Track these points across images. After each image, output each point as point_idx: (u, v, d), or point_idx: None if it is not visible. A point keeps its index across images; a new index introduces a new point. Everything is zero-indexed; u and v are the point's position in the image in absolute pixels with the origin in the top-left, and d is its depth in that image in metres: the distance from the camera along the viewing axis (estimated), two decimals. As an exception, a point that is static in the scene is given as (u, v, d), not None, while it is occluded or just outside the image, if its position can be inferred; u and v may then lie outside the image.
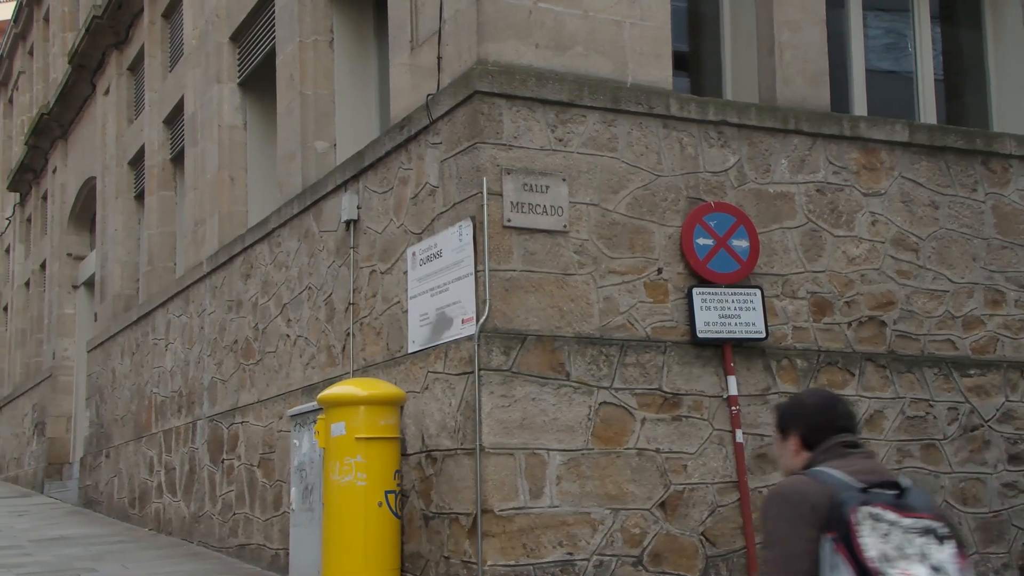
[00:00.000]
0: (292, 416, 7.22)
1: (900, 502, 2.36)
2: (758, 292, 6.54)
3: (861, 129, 7.14)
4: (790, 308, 6.73)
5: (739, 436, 6.32)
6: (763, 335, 6.47)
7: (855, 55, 7.82)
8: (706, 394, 6.32)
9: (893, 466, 6.75)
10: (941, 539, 2.36)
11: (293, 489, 7.01)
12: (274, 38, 9.30)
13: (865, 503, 2.33)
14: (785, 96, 7.09)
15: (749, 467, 6.35)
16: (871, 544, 2.28)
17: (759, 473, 6.41)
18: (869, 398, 6.79)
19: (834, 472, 2.47)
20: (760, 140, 6.81)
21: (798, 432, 2.72)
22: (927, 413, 6.95)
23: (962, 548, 2.42)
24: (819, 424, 2.67)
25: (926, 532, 2.33)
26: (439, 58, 6.45)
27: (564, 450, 5.86)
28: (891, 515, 2.32)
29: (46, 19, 20.86)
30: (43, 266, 20.14)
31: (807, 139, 6.96)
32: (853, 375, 6.78)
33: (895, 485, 2.41)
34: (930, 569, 2.30)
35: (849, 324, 6.89)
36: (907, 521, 2.33)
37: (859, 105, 7.70)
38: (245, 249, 9.55)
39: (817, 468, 2.53)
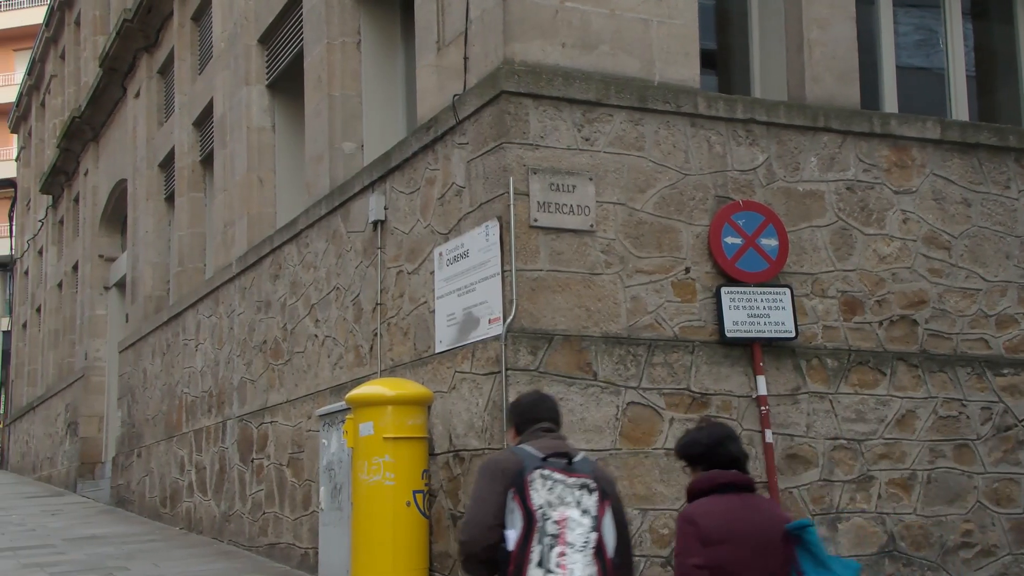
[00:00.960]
0: (321, 416, 7.25)
1: (568, 467, 3.22)
2: (787, 291, 6.49)
3: (892, 126, 7.07)
4: (820, 307, 6.67)
5: (768, 436, 6.27)
6: (793, 334, 6.42)
7: (885, 51, 7.74)
8: (735, 394, 6.28)
9: (925, 466, 6.69)
10: (591, 491, 3.19)
11: (322, 488, 7.05)
12: (302, 40, 9.36)
13: (539, 468, 3.20)
14: (814, 94, 7.03)
15: (779, 467, 6.30)
16: (538, 495, 3.14)
17: (789, 473, 6.36)
18: (901, 398, 6.72)
19: (526, 448, 3.34)
20: (789, 138, 6.75)
21: (513, 423, 3.60)
22: (960, 413, 6.87)
23: (606, 498, 3.25)
24: (526, 416, 3.54)
25: (582, 487, 3.19)
26: (465, 58, 6.45)
27: (592, 450, 5.85)
28: (558, 475, 3.19)
29: (77, 23, 21.10)
30: (75, 268, 20.38)
31: (837, 137, 6.90)
32: (884, 375, 6.71)
33: (568, 456, 3.27)
34: (581, 512, 3.15)
35: (880, 323, 6.82)
36: (571, 480, 3.18)
37: (890, 102, 7.62)
38: (274, 250, 9.61)
39: (517, 446, 3.39)
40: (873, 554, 6.48)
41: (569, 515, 3.09)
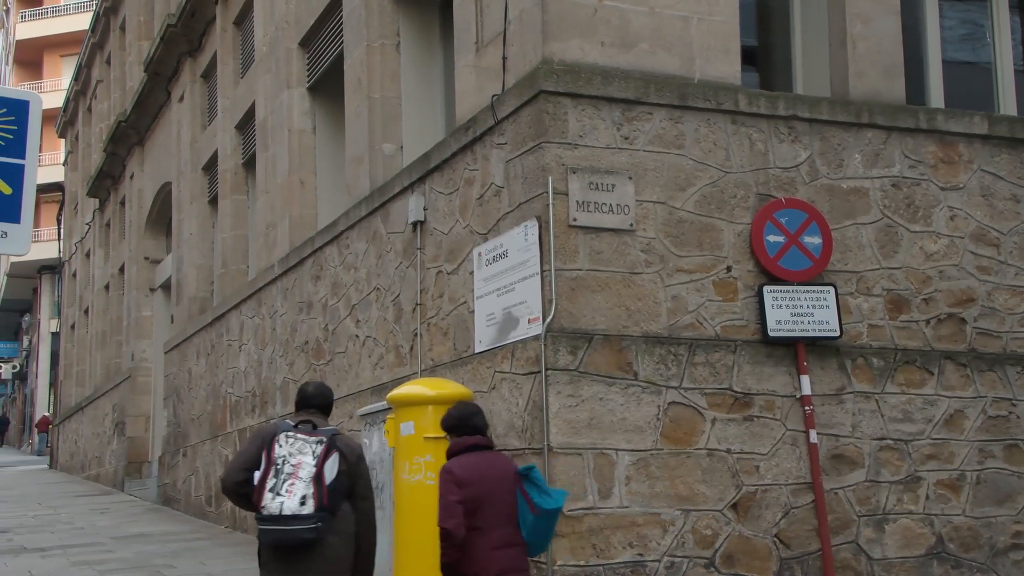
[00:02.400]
0: (362, 416, 7.29)
1: (313, 431, 4.43)
2: (832, 289, 6.40)
3: (938, 122, 6.95)
4: (865, 306, 6.58)
5: (813, 436, 6.19)
6: (837, 333, 6.34)
7: (931, 46, 7.61)
8: (778, 394, 6.21)
9: (974, 467, 6.57)
10: (320, 444, 4.35)
11: (363, 488, 7.07)
12: (342, 43, 9.42)
13: (287, 431, 4.41)
14: (858, 89, 6.93)
15: (824, 468, 6.22)
16: (280, 449, 4.34)
17: (834, 474, 6.28)
18: (949, 397, 6.60)
19: (287, 421, 4.54)
20: (832, 135, 6.67)
21: (297, 405, 4.77)
22: (1010, 413, 6.73)
23: (333, 449, 4.35)
24: (298, 403, 4.73)
25: (318, 443, 4.36)
26: (504, 58, 6.45)
27: (633, 450, 5.82)
28: (300, 435, 4.39)
29: (122, 29, 21.45)
30: (122, 270, 20.71)
31: (881, 133, 6.79)
32: (932, 374, 6.60)
33: (314, 424, 4.48)
34: (312, 457, 4.30)
35: (927, 322, 6.71)
36: (311, 439, 4.37)
37: (935, 97, 7.49)
38: (315, 251, 9.69)
39: (284, 422, 4.54)
40: (921, 556, 6.37)
41: (303, 460, 4.35)
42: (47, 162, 33.99)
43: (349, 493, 4.44)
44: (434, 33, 8.69)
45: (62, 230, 30.66)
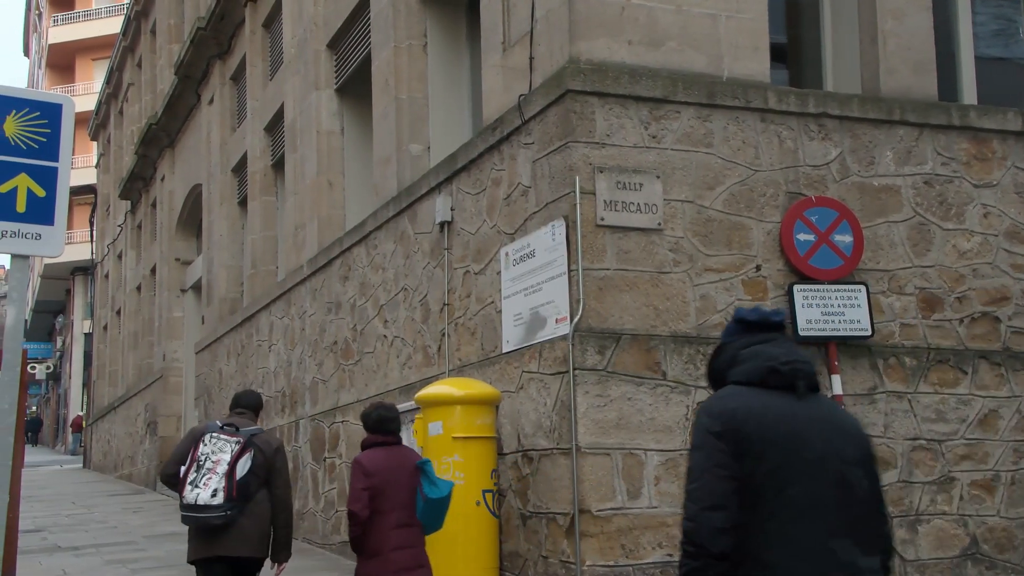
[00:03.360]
0: (390, 416, 7.31)
1: (234, 432, 5.25)
2: (863, 288, 6.34)
3: (971, 118, 6.86)
4: (897, 304, 6.50)
5: (844, 437, 6.13)
6: (869, 332, 6.27)
7: (963, 42, 7.51)
8: (808, 394, 6.15)
9: (1009, 467, 6.48)
10: (237, 444, 5.18)
11: (392, 488, 7.10)
12: (369, 44, 9.46)
13: (213, 432, 5.26)
14: (889, 86, 6.85)
15: (855, 469, 6.16)
16: (204, 447, 5.18)
17: (865, 475, 6.21)
18: (983, 397, 6.51)
19: (216, 422, 5.40)
20: (863, 132, 6.60)
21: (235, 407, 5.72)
22: (1046, 414, 6.63)
23: (248, 448, 5.21)
24: (232, 403, 5.69)
25: (237, 443, 5.18)
26: (531, 58, 6.45)
27: (662, 450, 5.79)
28: (224, 436, 5.22)
29: (153, 32, 21.67)
30: (153, 271, 20.93)
31: (913, 130, 6.72)
32: (966, 373, 6.51)
33: (236, 427, 5.31)
34: (229, 455, 5.12)
35: (961, 320, 6.62)
36: (231, 439, 5.20)
37: (968, 94, 7.40)
38: (343, 252, 9.74)
39: (213, 422, 5.42)
40: (955, 557, 6.29)
41: (222, 458, 5.16)
42: (79, 164, 34.43)
43: (267, 481, 5.30)
44: (461, 33, 8.70)
45: (94, 232, 31.04)
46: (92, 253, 31.09)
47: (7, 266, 4.58)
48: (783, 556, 2.49)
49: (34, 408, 54.31)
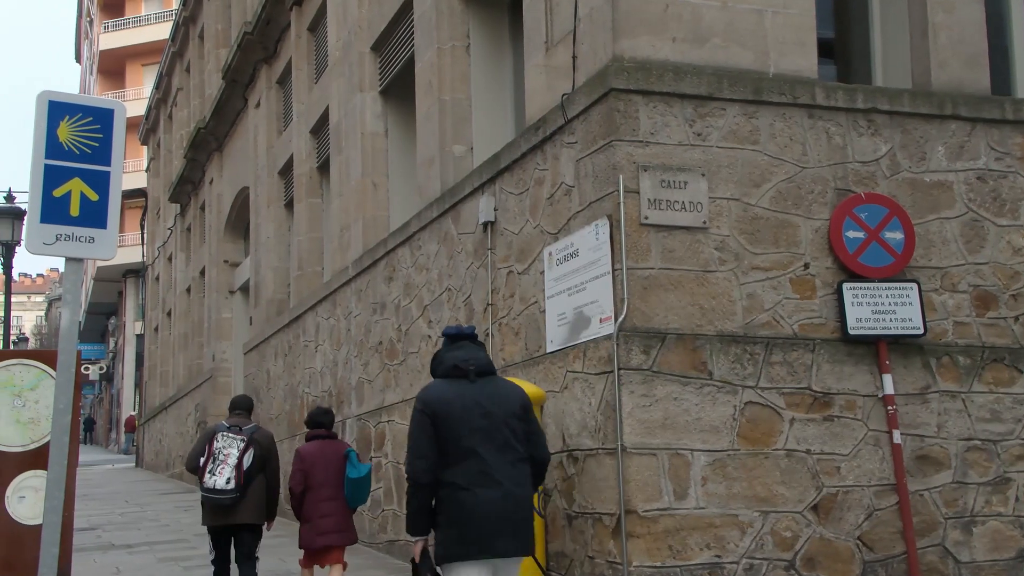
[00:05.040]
0: (436, 416, 7.34)
1: (238, 431, 6.89)
2: (915, 286, 6.22)
3: (1025, 111, 6.69)
4: (950, 302, 6.38)
5: (897, 437, 6.03)
6: (921, 331, 6.16)
7: (1017, 34, 7.35)
8: (859, 393, 6.06)
9: (1068, 471, 6.32)
10: (242, 441, 6.83)
11: (438, 487, 7.13)
12: (413, 46, 9.50)
13: (223, 430, 6.91)
14: (940, 80, 6.72)
15: (909, 469, 6.05)
16: (217, 443, 6.86)
17: (919, 476, 6.10)
18: (1040, 398, 6.35)
19: (224, 423, 7.01)
20: (914, 127, 6.48)
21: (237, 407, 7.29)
22: (1106, 414, 6.45)
23: (250, 445, 6.83)
24: (231, 406, 7.29)
25: (241, 441, 6.84)
26: (574, 57, 6.43)
27: (709, 451, 5.74)
28: (231, 434, 6.87)
29: (201, 37, 21.99)
30: (202, 273, 21.24)
31: (966, 124, 6.58)
32: (1021, 372, 6.36)
33: (240, 427, 6.92)
34: (236, 450, 6.79)
35: (1016, 318, 6.47)
36: (237, 437, 6.85)
37: (1022, 87, 7.22)
38: (387, 253, 9.80)
39: (222, 423, 7.05)
40: (1011, 559, 6.15)
41: (231, 452, 6.84)
42: (130, 169, 35.06)
43: (263, 468, 6.97)
44: (503, 34, 8.70)
45: (145, 235, 31.59)
46: (143, 256, 31.63)
47: (61, 269, 4.67)
48: (457, 476, 4.21)
49: (88, 408, 55.41)
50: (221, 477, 6.77)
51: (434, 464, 4.22)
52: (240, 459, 6.80)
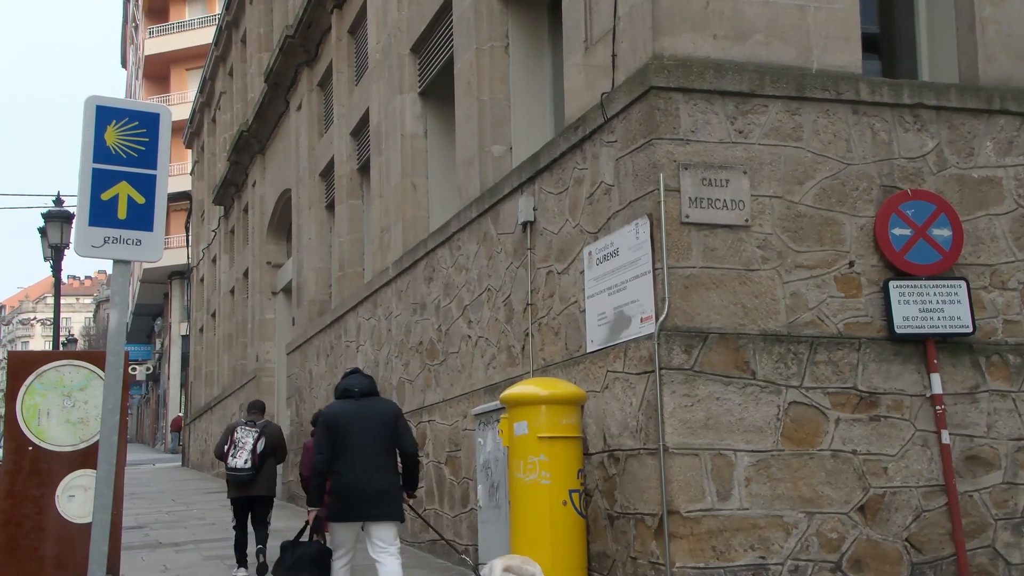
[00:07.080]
0: (476, 415, 7.35)
1: (253, 425, 9.03)
2: (963, 284, 6.11)
3: (1077, 104, 6.54)
4: (1000, 300, 6.25)
5: (945, 437, 5.92)
6: (970, 329, 6.04)
7: (1068, 24, 7.16)
8: (906, 393, 5.96)
9: (1124, 472, 6.16)
10: (256, 431, 8.96)
11: (479, 487, 7.14)
12: (452, 47, 9.53)
13: (242, 424, 9.06)
14: (988, 74, 6.59)
15: (958, 470, 5.94)
16: (238, 434, 8.95)
17: (969, 476, 5.99)
18: (1094, 397, 6.20)
19: (242, 420, 9.23)
20: (962, 122, 6.36)
21: (255, 410, 9.52)
22: None
23: (261, 435, 8.97)
24: (247, 407, 9.58)
25: (256, 432, 9.03)
26: (613, 56, 6.40)
27: (752, 451, 5.68)
28: (247, 427, 9.00)
29: (243, 41, 22.24)
30: (246, 274, 21.49)
31: (1015, 119, 6.45)
32: (1074, 372, 6.21)
33: (254, 422, 9.11)
34: (252, 439, 8.93)
35: (1068, 317, 6.32)
36: (252, 430, 8.99)
37: (1074, 78, 7.05)
38: (427, 253, 9.83)
39: (240, 420, 9.28)
40: (1065, 566, 6.01)
41: (247, 441, 8.80)
42: (175, 172, 35.57)
43: (273, 453, 8.93)
44: (542, 34, 8.69)
45: (190, 237, 32.03)
46: (188, 257, 32.08)
47: (109, 271, 4.75)
48: (343, 468, 6.12)
49: (135, 408, 56.29)
50: (240, 459, 8.74)
51: (329, 458, 6.15)
52: (255, 446, 8.79)
